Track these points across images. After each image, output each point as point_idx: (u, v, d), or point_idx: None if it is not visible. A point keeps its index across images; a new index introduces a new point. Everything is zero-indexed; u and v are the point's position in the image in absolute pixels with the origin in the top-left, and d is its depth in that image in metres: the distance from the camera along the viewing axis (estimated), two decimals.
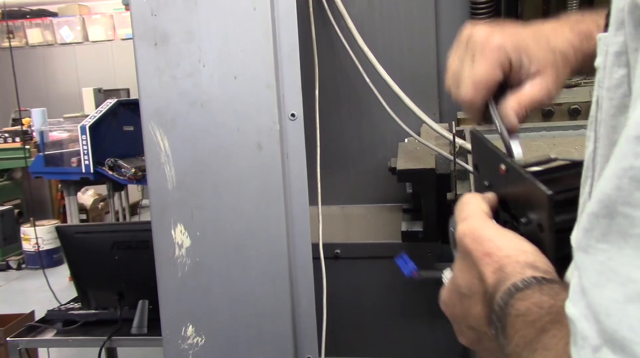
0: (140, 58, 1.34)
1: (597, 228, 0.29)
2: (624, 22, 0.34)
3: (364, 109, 1.75)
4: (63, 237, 2.15)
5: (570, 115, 1.38)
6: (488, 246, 0.51)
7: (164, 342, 1.42)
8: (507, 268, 0.49)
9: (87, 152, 3.91)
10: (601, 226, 0.28)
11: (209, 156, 1.34)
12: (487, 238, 0.52)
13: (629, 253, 0.27)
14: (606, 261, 0.28)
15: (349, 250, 1.76)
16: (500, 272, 0.49)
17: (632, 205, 0.27)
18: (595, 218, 0.29)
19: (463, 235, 0.53)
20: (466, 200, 0.58)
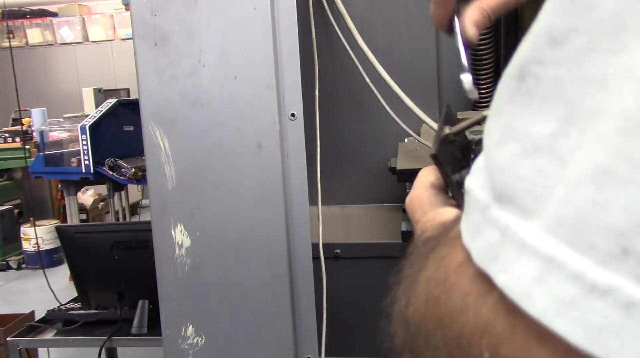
0: (140, 58, 1.34)
1: (507, 90, 0.27)
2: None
3: (364, 109, 1.75)
4: (63, 237, 2.15)
5: None
6: (418, 214, 0.55)
7: (164, 342, 1.42)
8: (425, 232, 0.51)
9: (87, 152, 3.92)
10: (511, 88, 0.27)
11: (209, 156, 1.34)
12: (418, 207, 0.56)
13: (532, 111, 0.25)
14: (510, 121, 0.27)
15: (349, 250, 1.76)
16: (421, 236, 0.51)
17: (542, 64, 0.26)
18: (508, 80, 0.28)
19: (407, 204, 0.58)
20: (421, 172, 0.61)
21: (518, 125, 0.26)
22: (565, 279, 0.23)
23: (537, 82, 0.25)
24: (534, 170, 0.25)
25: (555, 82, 0.25)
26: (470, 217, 0.28)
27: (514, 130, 0.26)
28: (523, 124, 0.26)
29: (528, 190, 0.25)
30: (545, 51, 0.26)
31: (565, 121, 0.24)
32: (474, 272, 0.27)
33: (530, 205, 0.24)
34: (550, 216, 0.24)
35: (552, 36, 0.25)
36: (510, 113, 0.27)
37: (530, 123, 0.25)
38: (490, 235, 0.26)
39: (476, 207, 0.28)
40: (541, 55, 0.26)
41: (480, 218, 0.27)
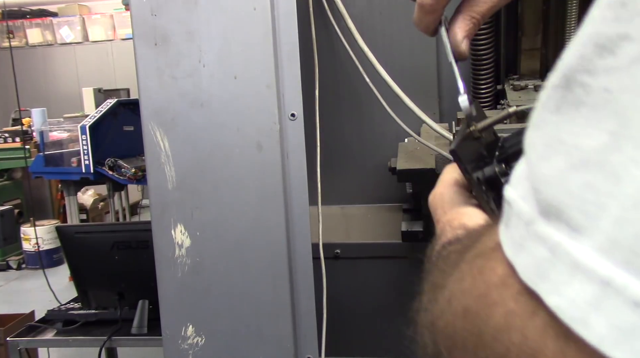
0: (140, 58, 1.34)
1: (552, 99, 0.26)
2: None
3: (364, 109, 1.75)
4: (63, 237, 2.15)
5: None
6: (439, 213, 0.55)
7: (164, 342, 1.42)
8: (444, 232, 0.52)
9: (87, 152, 3.92)
10: (556, 97, 0.26)
11: (209, 156, 1.34)
12: (439, 205, 0.55)
13: (580, 123, 0.24)
14: (555, 132, 0.25)
15: (349, 250, 1.75)
16: (441, 236, 0.52)
17: (591, 73, 0.24)
18: (552, 89, 0.26)
19: (430, 201, 0.58)
20: (445, 170, 0.60)
21: (565, 137, 0.25)
22: (624, 305, 0.22)
23: (586, 92, 0.24)
24: (584, 186, 0.24)
25: (606, 92, 0.24)
26: (513, 230, 0.27)
27: (561, 143, 0.25)
28: (571, 135, 0.25)
29: (578, 206, 0.24)
30: (594, 60, 0.24)
31: (617, 135, 0.23)
32: (518, 289, 0.26)
33: (582, 223, 0.23)
34: (604, 235, 0.23)
35: (601, 44, 0.24)
36: (555, 124, 0.26)
37: (579, 135, 0.24)
38: (537, 251, 0.25)
39: (519, 219, 0.27)
40: (590, 64, 0.24)
41: (525, 233, 0.26)
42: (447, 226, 0.53)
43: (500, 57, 1.54)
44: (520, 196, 0.27)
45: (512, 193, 0.28)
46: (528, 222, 0.26)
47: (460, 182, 0.56)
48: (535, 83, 1.53)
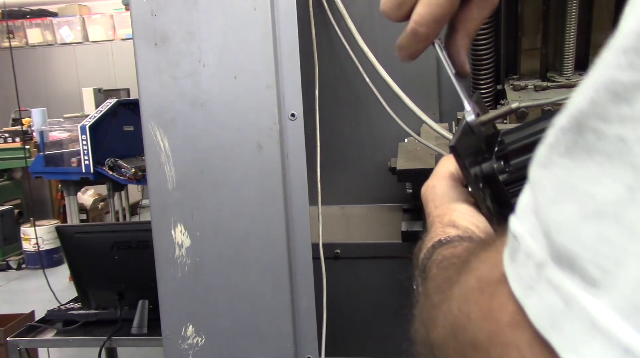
0: (140, 58, 1.34)
1: (562, 142, 0.26)
2: None
3: (364, 109, 1.75)
4: (63, 237, 2.15)
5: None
6: (430, 206, 0.56)
7: (164, 342, 1.42)
8: (433, 228, 0.52)
9: (87, 152, 3.92)
10: (567, 140, 0.26)
11: (209, 156, 1.34)
12: (431, 198, 0.56)
13: (592, 170, 0.24)
14: (566, 177, 0.25)
15: (349, 250, 1.75)
16: (430, 230, 0.53)
17: (604, 120, 0.24)
18: (562, 132, 0.26)
19: (422, 191, 0.58)
20: (442, 160, 0.60)
21: (577, 183, 0.25)
22: None
23: (599, 139, 0.24)
24: (599, 238, 0.23)
25: (621, 142, 0.23)
26: (521, 268, 0.27)
27: (573, 189, 0.25)
28: (584, 182, 0.24)
29: (593, 259, 0.23)
30: (607, 107, 0.24)
31: (634, 188, 0.23)
32: (531, 335, 0.26)
33: (598, 277, 0.23)
34: (623, 296, 0.22)
35: (615, 91, 0.24)
36: (566, 167, 0.25)
37: (592, 183, 0.24)
38: (550, 299, 0.25)
39: (528, 258, 0.27)
40: (603, 110, 0.24)
41: (536, 275, 0.26)
42: (437, 221, 0.53)
43: (500, 57, 1.54)
44: (528, 232, 0.27)
45: (518, 227, 0.28)
46: (539, 265, 0.26)
47: (455, 175, 0.56)
48: (535, 83, 1.53)
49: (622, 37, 0.24)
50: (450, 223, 0.51)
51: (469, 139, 0.52)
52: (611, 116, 0.24)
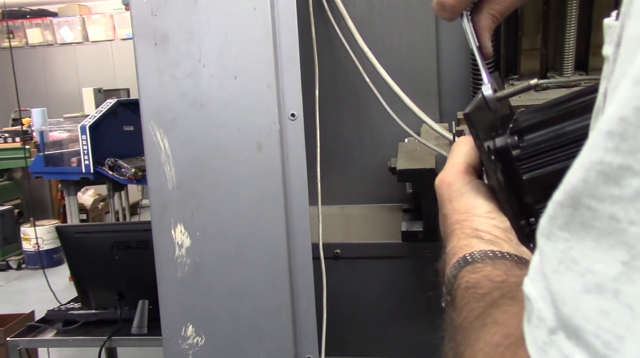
0: (140, 58, 1.34)
1: (561, 216, 0.28)
2: None
3: (364, 109, 1.75)
4: (63, 237, 2.15)
5: None
6: (447, 206, 0.55)
7: (164, 342, 1.42)
8: (454, 236, 0.52)
9: (87, 152, 3.91)
10: (564, 215, 0.28)
11: (209, 156, 1.34)
12: (447, 196, 0.55)
13: (589, 245, 0.26)
14: (567, 250, 0.28)
15: (349, 250, 1.75)
16: (450, 238, 0.53)
17: (596, 198, 0.26)
18: (559, 207, 0.28)
19: (437, 185, 0.57)
20: (456, 146, 0.59)
21: (577, 257, 0.27)
22: None
23: (593, 216, 0.26)
24: (600, 313, 0.25)
25: (613, 220, 0.25)
26: (535, 331, 0.29)
27: (574, 263, 0.27)
28: (583, 257, 0.26)
29: (596, 333, 0.25)
30: (598, 186, 0.26)
31: (629, 266, 0.24)
32: None
33: (601, 352, 0.25)
34: None
35: (605, 173, 0.26)
36: (566, 241, 0.28)
37: (591, 259, 0.26)
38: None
39: (541, 322, 0.28)
40: (595, 190, 0.26)
41: (548, 339, 0.28)
42: (458, 229, 0.53)
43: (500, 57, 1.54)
44: (540, 296, 0.29)
45: (531, 290, 0.30)
46: (550, 330, 0.28)
47: (470, 167, 0.56)
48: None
49: (607, 120, 0.26)
50: (473, 232, 0.51)
51: (484, 113, 0.52)
52: (603, 196, 0.26)
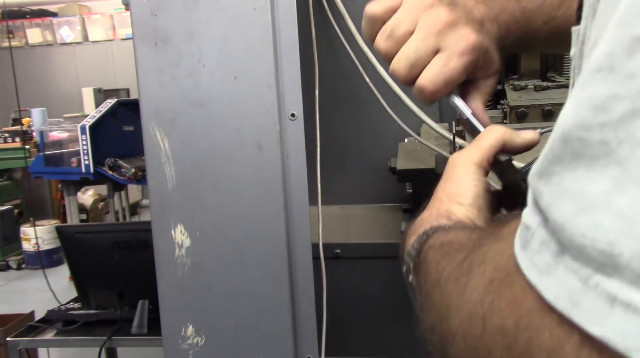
0: (140, 58, 1.34)
1: (552, 152, 0.30)
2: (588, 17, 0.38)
3: (364, 109, 1.75)
4: (63, 237, 2.15)
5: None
6: (441, 184, 0.58)
7: (164, 342, 1.42)
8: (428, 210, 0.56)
9: (87, 152, 3.92)
10: (556, 150, 0.30)
11: (209, 156, 1.34)
12: (447, 176, 0.58)
13: (581, 172, 0.28)
14: (559, 181, 0.29)
15: (349, 250, 1.75)
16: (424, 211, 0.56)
17: (585, 129, 0.28)
18: (553, 144, 0.30)
19: (450, 161, 0.60)
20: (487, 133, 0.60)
21: (568, 185, 0.28)
22: None
23: (583, 145, 0.28)
24: (593, 227, 0.27)
25: (603, 145, 0.27)
26: (536, 256, 0.30)
27: (566, 191, 0.28)
28: (575, 184, 0.28)
29: (592, 246, 0.26)
30: (587, 118, 0.28)
31: (620, 180, 0.26)
32: (559, 316, 0.28)
33: (602, 260, 0.26)
34: (631, 271, 0.25)
35: (594, 104, 0.28)
36: (558, 174, 0.29)
37: (582, 183, 0.28)
38: (568, 281, 0.28)
39: (543, 246, 0.30)
40: (584, 121, 0.28)
41: (552, 261, 0.29)
42: (436, 206, 0.56)
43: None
44: (539, 225, 0.30)
45: (530, 219, 0.31)
46: (556, 253, 0.29)
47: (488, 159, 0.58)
48: (535, 83, 1.53)
49: (595, 59, 0.29)
50: (447, 213, 0.54)
51: None
52: (591, 125, 0.28)
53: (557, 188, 0.29)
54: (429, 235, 0.51)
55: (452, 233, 0.48)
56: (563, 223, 0.28)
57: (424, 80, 0.64)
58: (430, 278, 0.44)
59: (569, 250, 0.28)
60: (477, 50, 0.63)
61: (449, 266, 0.42)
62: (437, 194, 0.58)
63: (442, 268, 0.43)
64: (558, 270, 0.28)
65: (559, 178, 0.29)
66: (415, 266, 0.50)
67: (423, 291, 0.46)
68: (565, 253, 0.28)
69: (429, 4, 0.64)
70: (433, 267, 0.45)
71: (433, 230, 0.51)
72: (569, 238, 0.28)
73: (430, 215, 0.55)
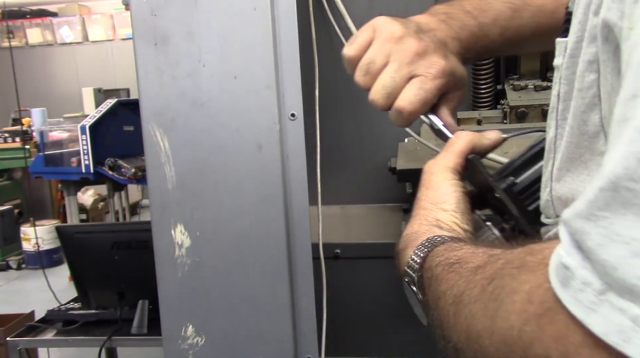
0: (140, 58, 1.34)
1: (601, 199, 0.32)
2: (596, 37, 0.41)
3: (364, 109, 1.75)
4: (63, 237, 2.15)
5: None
6: (422, 192, 0.61)
7: (164, 342, 1.42)
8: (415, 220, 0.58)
9: (87, 152, 3.91)
10: (605, 197, 0.32)
11: (209, 156, 1.34)
12: (426, 184, 0.62)
13: (631, 219, 0.30)
14: (609, 226, 0.31)
15: (349, 250, 1.75)
16: (411, 221, 0.59)
17: (635, 181, 0.30)
18: (600, 191, 0.32)
19: (424, 170, 0.64)
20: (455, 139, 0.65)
21: (619, 230, 0.31)
22: None
23: (634, 195, 0.31)
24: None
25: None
26: (579, 294, 0.33)
27: (617, 235, 0.31)
28: (625, 229, 0.31)
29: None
30: (637, 170, 0.31)
31: None
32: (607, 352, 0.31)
33: None
34: None
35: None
36: (607, 219, 0.32)
37: (633, 230, 0.30)
38: (616, 319, 0.30)
39: (586, 286, 0.32)
40: (634, 174, 0.31)
41: (596, 299, 0.31)
42: (422, 215, 0.58)
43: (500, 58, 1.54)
44: (580, 265, 0.33)
45: (569, 260, 0.34)
46: (599, 292, 0.31)
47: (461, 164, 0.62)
48: (535, 83, 1.53)
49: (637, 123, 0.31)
50: (435, 221, 0.57)
51: None
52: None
53: (607, 232, 0.31)
54: (430, 249, 0.53)
55: (456, 250, 0.49)
56: (615, 265, 0.30)
57: (403, 103, 0.70)
58: (447, 297, 0.47)
59: (617, 288, 0.30)
60: (447, 73, 0.69)
61: (470, 288, 0.44)
62: (421, 203, 0.60)
63: (462, 289, 0.45)
64: (603, 308, 0.31)
65: (609, 223, 0.31)
66: (421, 280, 0.52)
67: (438, 308, 0.48)
68: (610, 291, 0.31)
69: (397, 37, 0.71)
70: (447, 286, 0.47)
71: (432, 244, 0.53)
72: (621, 278, 0.30)
73: (420, 225, 0.57)
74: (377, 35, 0.73)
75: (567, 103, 0.46)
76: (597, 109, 0.43)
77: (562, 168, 0.48)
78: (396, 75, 0.70)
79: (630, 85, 0.34)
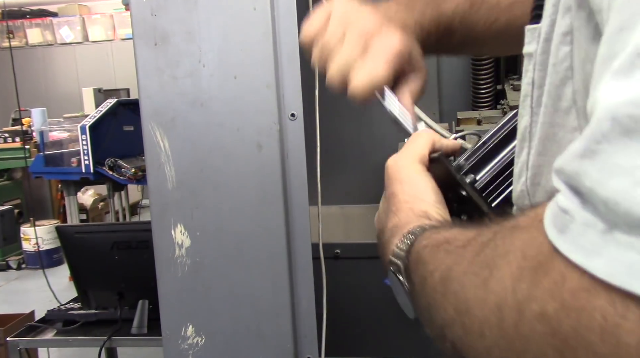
0: (140, 58, 1.34)
1: (598, 131, 0.29)
2: (570, 7, 0.40)
3: (364, 109, 1.75)
4: (63, 237, 2.15)
5: None
6: (397, 187, 0.61)
7: (164, 342, 1.42)
8: (402, 212, 0.56)
9: (87, 152, 3.91)
10: (602, 128, 0.29)
11: (209, 156, 1.34)
12: (398, 178, 0.61)
13: (634, 147, 0.28)
14: (607, 158, 0.29)
15: (349, 250, 1.76)
16: (398, 213, 0.57)
17: (635, 104, 0.28)
18: (596, 123, 0.30)
19: (389, 166, 0.64)
20: (416, 136, 0.66)
21: (619, 161, 0.28)
22: None
23: (635, 121, 0.28)
24: None
25: None
26: (580, 238, 0.30)
27: (617, 167, 0.28)
28: (627, 159, 0.28)
29: None
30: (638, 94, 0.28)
31: None
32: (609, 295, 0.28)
33: None
34: None
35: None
36: (606, 151, 0.29)
37: (632, 157, 0.28)
38: (625, 256, 0.28)
39: (588, 228, 0.30)
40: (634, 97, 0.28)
41: (601, 241, 0.29)
42: (407, 208, 0.57)
43: (500, 57, 1.54)
44: (580, 207, 0.30)
45: (568, 203, 0.31)
46: (603, 231, 0.29)
47: (425, 159, 0.62)
48: None
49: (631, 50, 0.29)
50: (423, 213, 0.55)
51: None
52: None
53: (606, 165, 0.29)
54: (417, 235, 0.51)
55: (444, 233, 0.47)
56: (617, 199, 0.28)
57: (356, 82, 0.69)
58: (434, 276, 0.44)
59: (622, 225, 0.28)
60: (401, 50, 0.67)
61: (459, 262, 0.41)
62: (399, 198, 0.59)
63: (450, 265, 0.42)
64: (608, 248, 0.28)
65: (607, 155, 0.29)
66: (407, 266, 0.50)
67: (426, 291, 0.45)
68: (614, 230, 0.28)
69: (354, 11, 0.68)
70: (435, 265, 0.44)
71: (421, 230, 0.51)
72: (624, 212, 0.27)
73: (407, 217, 0.56)
74: (332, 15, 0.71)
75: (542, 89, 0.45)
76: (569, 83, 0.42)
77: (540, 153, 0.46)
78: (350, 50, 0.68)
79: (616, 19, 0.31)
